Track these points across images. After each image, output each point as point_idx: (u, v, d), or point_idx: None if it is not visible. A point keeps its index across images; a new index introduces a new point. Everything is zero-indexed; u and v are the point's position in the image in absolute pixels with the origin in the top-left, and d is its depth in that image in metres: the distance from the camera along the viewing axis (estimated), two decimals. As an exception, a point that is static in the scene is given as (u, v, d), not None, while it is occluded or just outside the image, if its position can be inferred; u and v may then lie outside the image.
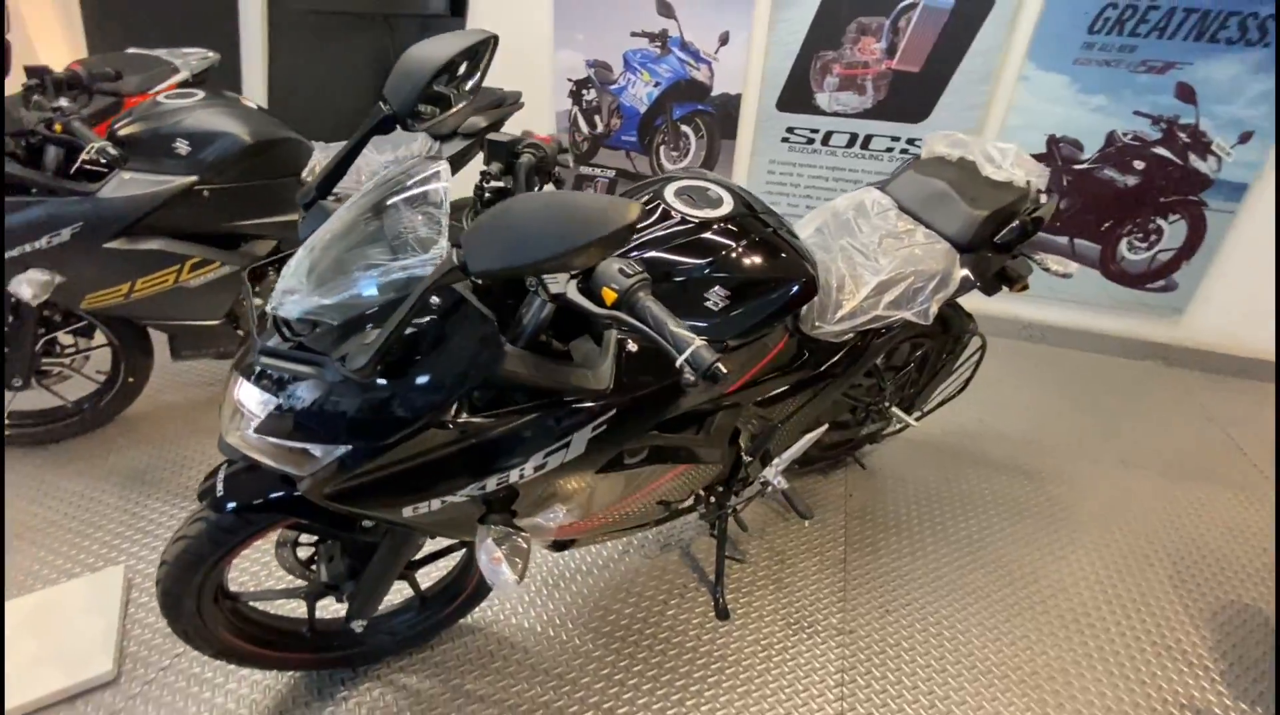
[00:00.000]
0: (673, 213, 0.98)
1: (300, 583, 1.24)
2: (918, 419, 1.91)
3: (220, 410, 0.86)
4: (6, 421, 1.91)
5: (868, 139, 2.84)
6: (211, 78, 2.27)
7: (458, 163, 2.06)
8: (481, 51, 0.89)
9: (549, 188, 1.03)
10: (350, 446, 0.78)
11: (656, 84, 3.01)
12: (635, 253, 0.95)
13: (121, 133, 1.64)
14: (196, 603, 1.08)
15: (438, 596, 1.41)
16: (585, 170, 3.29)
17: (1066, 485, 2.08)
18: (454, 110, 0.89)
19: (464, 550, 1.38)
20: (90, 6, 3.63)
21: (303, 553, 1.23)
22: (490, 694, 1.37)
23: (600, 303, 0.74)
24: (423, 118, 0.88)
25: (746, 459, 1.40)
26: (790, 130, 2.92)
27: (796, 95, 2.84)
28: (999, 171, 1.43)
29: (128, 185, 1.62)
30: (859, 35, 2.68)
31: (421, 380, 0.75)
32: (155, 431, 2.07)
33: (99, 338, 1.95)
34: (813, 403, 1.40)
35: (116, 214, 1.61)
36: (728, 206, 1.01)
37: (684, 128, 3.07)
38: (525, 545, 0.88)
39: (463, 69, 0.97)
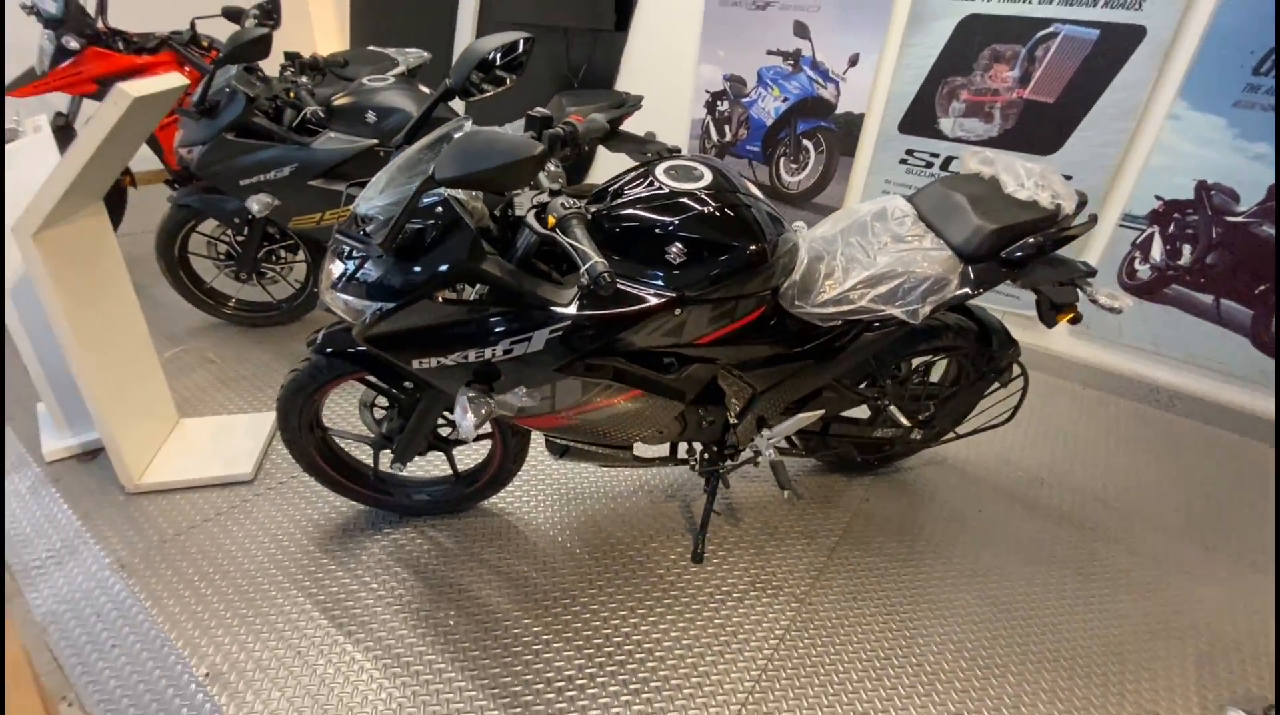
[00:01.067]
0: (655, 183, 1.23)
1: (371, 435, 1.67)
2: (933, 435, 1.92)
3: (321, 279, 1.28)
4: (232, 305, 2.65)
5: (989, 168, 2.77)
6: (423, 72, 2.90)
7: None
8: (524, 46, 1.22)
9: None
10: (379, 305, 1.15)
11: (785, 99, 3.20)
12: (614, 208, 1.22)
13: (335, 103, 2.25)
14: (298, 421, 1.54)
15: (468, 476, 1.78)
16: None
17: (1122, 546, 1.92)
18: (504, 88, 1.23)
19: (490, 441, 1.74)
20: (357, 13, 4.66)
21: (378, 414, 1.66)
22: (492, 560, 1.70)
23: (545, 226, 1.02)
24: (482, 91, 1.24)
25: (733, 421, 1.59)
26: (910, 153, 2.95)
27: (920, 118, 2.87)
28: (1021, 190, 1.46)
29: (330, 142, 2.21)
30: (991, 62, 2.65)
31: (422, 264, 1.10)
32: (324, 331, 2.71)
33: (301, 255, 2.62)
34: (796, 380, 1.55)
35: (319, 161, 2.20)
36: (703, 183, 1.24)
37: (805, 142, 3.21)
38: (490, 409, 1.18)
39: (524, 60, 1.31)
